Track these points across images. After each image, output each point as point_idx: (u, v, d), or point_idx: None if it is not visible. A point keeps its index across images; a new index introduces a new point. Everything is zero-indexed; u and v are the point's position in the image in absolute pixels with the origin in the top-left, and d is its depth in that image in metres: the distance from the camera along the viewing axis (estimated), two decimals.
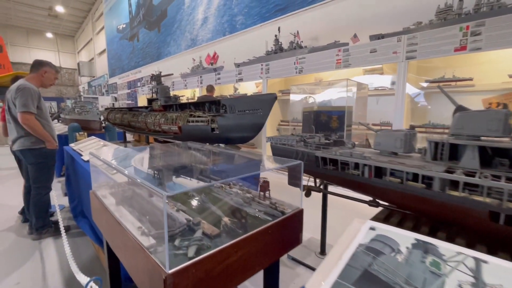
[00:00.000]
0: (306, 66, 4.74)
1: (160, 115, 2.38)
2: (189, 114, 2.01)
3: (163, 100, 2.43)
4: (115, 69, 16.39)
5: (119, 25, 14.91)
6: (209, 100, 1.87)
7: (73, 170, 2.90)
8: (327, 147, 1.13)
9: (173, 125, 2.15)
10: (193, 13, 8.82)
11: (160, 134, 2.41)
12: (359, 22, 4.66)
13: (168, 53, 10.45)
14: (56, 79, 2.98)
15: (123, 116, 3.22)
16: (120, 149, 2.28)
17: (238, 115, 1.57)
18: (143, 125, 2.68)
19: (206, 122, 1.82)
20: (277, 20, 6.11)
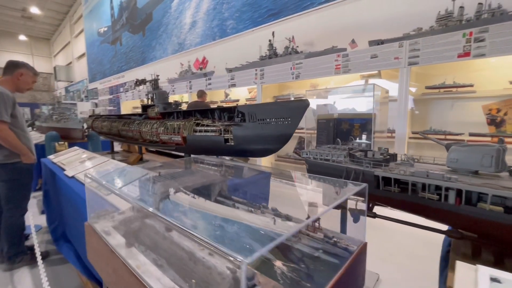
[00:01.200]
0: (303, 72, 4.62)
1: (158, 123, 2.11)
2: (195, 122, 1.77)
3: (161, 107, 2.16)
4: (95, 74, 15.66)
5: (100, 28, 14.30)
6: (221, 108, 1.65)
7: (54, 187, 2.54)
8: (387, 164, 0.96)
9: (175, 135, 1.89)
10: (181, 17, 8.57)
11: (158, 145, 2.14)
12: (355, 28, 4.63)
13: (153, 58, 10.07)
14: (34, 82, 2.63)
15: (111, 124, 2.90)
16: (119, 168, 1.96)
17: (259, 125, 1.36)
18: (136, 135, 2.38)
19: (217, 132, 1.58)
20: (270, 25, 6.00)
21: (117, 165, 2.07)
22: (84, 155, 2.72)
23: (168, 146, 1.99)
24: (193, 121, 1.79)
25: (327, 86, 4.92)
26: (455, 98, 3.67)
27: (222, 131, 1.55)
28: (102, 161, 2.34)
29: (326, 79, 4.92)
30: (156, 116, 2.22)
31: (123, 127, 2.60)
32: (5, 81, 2.39)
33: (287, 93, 5.63)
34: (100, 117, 3.39)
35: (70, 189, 1.98)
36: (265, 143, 1.36)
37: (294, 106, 1.27)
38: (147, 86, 2.69)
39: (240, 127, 1.44)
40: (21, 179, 2.35)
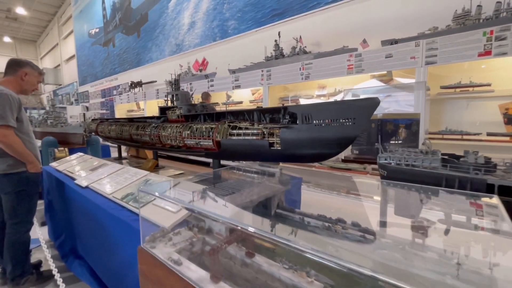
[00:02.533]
0: (313, 72, 4.52)
1: (181, 126, 1.94)
2: (230, 125, 1.61)
3: (185, 109, 1.99)
4: (86, 77, 15.18)
5: (91, 29, 13.89)
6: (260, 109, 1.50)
7: (61, 198, 2.30)
8: (494, 170, 0.84)
9: (204, 139, 1.72)
10: (178, 18, 8.37)
11: (181, 150, 1.96)
12: (365, 28, 4.57)
13: (149, 59, 9.81)
14: (40, 82, 2.40)
15: (122, 128, 2.69)
16: (165, 181, 1.72)
17: (315, 127, 1.22)
18: (154, 139, 2.20)
19: (259, 136, 1.43)
20: (274, 25, 5.89)
21: (137, 173, 1.88)
22: (94, 162, 2.50)
23: (194, 151, 1.82)
24: (226, 124, 1.63)
25: (336, 87, 4.85)
26: (470, 98, 3.64)
27: (266, 134, 1.40)
28: (117, 168, 2.13)
29: (334, 80, 4.84)
30: (178, 118, 2.05)
31: (137, 131, 2.41)
32: (7, 81, 2.16)
33: (293, 94, 5.53)
34: (106, 121, 3.17)
35: (85, 200, 1.77)
36: (322, 147, 1.22)
37: (360, 105, 1.14)
38: (140, 89, 2.50)
39: (290, 130, 1.29)
40: (27, 190, 2.11)
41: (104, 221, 1.50)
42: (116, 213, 1.41)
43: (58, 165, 2.71)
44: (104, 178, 1.97)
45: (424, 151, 1.13)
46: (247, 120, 1.59)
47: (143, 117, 2.57)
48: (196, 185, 1.32)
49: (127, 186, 1.66)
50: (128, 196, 1.53)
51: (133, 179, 1.79)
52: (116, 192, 1.63)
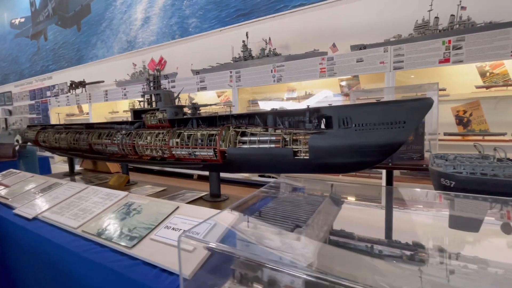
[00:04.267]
0: (285, 75, 4.46)
1: (167, 133, 1.58)
2: (237, 131, 1.35)
3: (170, 112, 1.63)
4: (8, 75, 12.75)
5: (14, 19, 11.73)
6: (276, 112, 1.26)
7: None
8: None
9: (202, 149, 1.42)
10: (130, 12, 7.57)
11: (168, 163, 1.60)
12: (332, 32, 4.70)
13: (94, 57, 8.66)
14: None
15: (75, 136, 2.15)
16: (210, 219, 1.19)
17: (356, 132, 1.05)
18: (126, 150, 1.78)
19: (279, 143, 1.21)
20: (240, 25, 5.70)
21: (110, 194, 1.44)
22: (39, 181, 1.91)
23: (187, 164, 1.49)
24: (231, 129, 1.36)
25: (307, 91, 4.87)
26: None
27: (290, 142, 1.18)
28: (77, 189, 1.64)
29: (302, 83, 4.87)
30: (160, 123, 1.68)
31: (100, 140, 1.93)
32: None
33: (262, 97, 5.41)
34: (51, 127, 2.53)
35: (35, 239, 1.28)
36: (362, 155, 1.06)
37: (412, 106, 1.01)
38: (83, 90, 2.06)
39: (323, 136, 1.10)
40: None
41: (71, 269, 1.06)
42: (93, 256, 1.01)
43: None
44: (61, 204, 1.48)
45: (483, 156, 1.07)
46: (258, 125, 1.35)
47: (104, 123, 2.09)
48: (234, 215, 1.01)
49: (101, 214, 1.25)
50: (106, 230, 1.13)
51: (107, 203, 1.36)
52: (85, 224, 1.21)
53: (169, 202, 1.27)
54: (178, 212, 1.17)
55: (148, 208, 1.25)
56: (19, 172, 2.24)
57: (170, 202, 1.26)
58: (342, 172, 1.22)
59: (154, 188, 1.93)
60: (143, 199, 1.35)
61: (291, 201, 1.11)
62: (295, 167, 1.23)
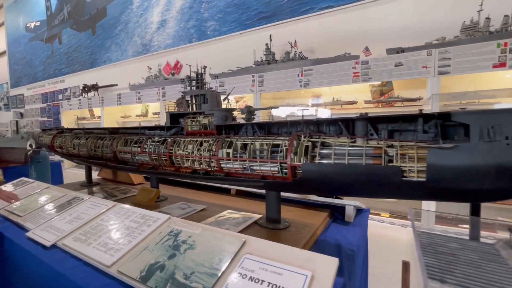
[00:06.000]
0: (313, 79, 4.18)
1: (213, 142, 1.29)
2: (313, 141, 1.05)
3: (219, 116, 1.34)
4: (21, 77, 12.80)
5: (30, 22, 11.82)
6: (372, 117, 0.97)
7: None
8: None
9: (266, 163, 1.12)
10: (146, 15, 7.45)
11: (215, 178, 1.30)
12: (363, 36, 4.42)
13: (107, 60, 8.56)
14: None
15: (96, 142, 1.87)
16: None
17: (509, 147, 0.75)
18: (160, 161, 1.49)
19: (379, 159, 0.90)
20: (262, 28, 5.48)
21: (147, 217, 1.14)
22: (55, 194, 1.63)
23: (243, 181, 1.19)
24: (306, 139, 1.06)
25: (334, 97, 4.57)
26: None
27: (396, 157, 0.87)
28: (103, 207, 1.35)
29: (331, 89, 4.60)
30: (203, 130, 1.39)
31: (126, 148, 1.65)
32: None
33: (285, 102, 5.14)
34: (69, 132, 2.27)
35: (56, 276, 0.99)
36: None
37: None
38: (96, 93, 1.79)
39: (452, 151, 0.79)
40: None
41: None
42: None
43: None
44: (85, 228, 1.19)
45: None
46: (338, 134, 1.04)
47: (132, 128, 1.81)
48: (333, 263, 0.69)
49: (140, 247, 0.95)
50: (153, 274, 0.83)
51: (145, 229, 1.06)
52: (121, 261, 0.91)
53: (229, 233, 0.96)
54: (247, 249, 0.87)
55: (203, 241, 0.94)
56: (32, 182, 1.97)
57: (231, 233, 0.95)
58: (473, 201, 0.93)
59: (191, 206, 1.62)
60: (192, 226, 1.04)
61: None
62: (400, 191, 0.92)
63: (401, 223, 3.33)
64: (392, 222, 3.37)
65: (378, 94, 4.27)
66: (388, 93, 4.28)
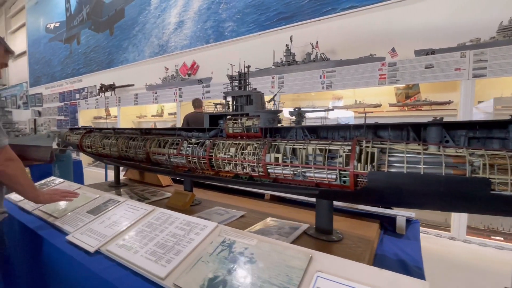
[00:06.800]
0: (336, 81, 4.08)
1: (260, 145, 1.22)
2: (380, 147, 0.96)
3: (265, 119, 1.27)
4: (40, 77, 13.13)
5: (50, 23, 12.12)
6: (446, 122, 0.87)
7: (35, 268, 1.34)
8: None
9: (322, 170, 1.04)
10: (163, 16, 7.50)
11: (262, 184, 1.23)
12: (389, 36, 4.28)
13: (124, 60, 8.66)
14: (5, 66, 1.53)
15: (129, 143, 1.84)
16: None
17: None
18: (199, 164, 1.43)
19: (461, 169, 0.80)
20: (281, 29, 5.41)
21: (192, 224, 1.08)
22: (87, 194, 1.60)
23: (294, 188, 1.11)
24: (371, 144, 0.97)
25: (357, 99, 4.44)
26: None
27: (482, 168, 0.78)
28: (140, 211, 1.30)
29: (354, 91, 4.48)
30: (246, 132, 1.32)
31: (161, 149, 1.60)
32: None
33: (305, 105, 5.03)
34: (98, 131, 2.25)
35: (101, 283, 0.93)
36: None
37: None
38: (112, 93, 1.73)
39: None
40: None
41: None
42: None
43: (22, 198, 1.74)
44: (129, 233, 1.13)
45: None
46: (406, 141, 0.95)
47: (171, 128, 1.75)
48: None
49: (193, 257, 0.88)
50: (217, 286, 0.76)
51: (193, 238, 0.99)
52: (175, 272, 0.84)
53: (290, 246, 0.88)
54: (316, 265, 0.79)
55: (263, 254, 0.86)
56: (62, 181, 1.95)
57: (292, 247, 0.87)
58: None
59: (229, 212, 1.55)
60: (245, 236, 0.97)
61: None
62: (487, 206, 0.82)
63: (448, 235, 3.11)
64: (438, 234, 3.17)
65: (403, 97, 4.13)
66: (414, 96, 4.13)
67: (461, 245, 2.95)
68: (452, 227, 3.18)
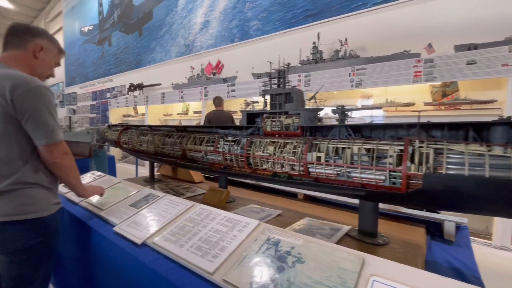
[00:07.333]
0: (366, 79, 3.94)
1: (301, 144, 1.20)
2: (436, 147, 0.90)
3: (306, 117, 1.25)
4: (75, 77, 14.00)
5: (84, 27, 12.87)
6: None
7: (84, 256, 1.43)
8: None
9: (369, 170, 0.99)
10: (190, 16, 7.67)
11: (302, 184, 1.21)
12: (425, 31, 4.05)
13: (152, 60, 8.97)
14: (58, 65, 1.65)
15: (164, 140, 1.90)
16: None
17: None
18: (236, 161, 1.44)
19: None
20: (308, 26, 5.32)
21: (233, 221, 1.09)
22: (122, 189, 1.67)
23: (337, 188, 1.08)
24: (425, 144, 0.92)
25: (388, 98, 4.26)
26: None
27: None
28: (180, 206, 1.34)
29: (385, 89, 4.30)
30: (285, 131, 1.31)
31: (197, 147, 1.63)
32: (13, 58, 1.34)
33: (330, 103, 4.91)
34: (135, 128, 2.35)
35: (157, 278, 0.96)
36: None
37: None
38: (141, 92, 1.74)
39: None
40: (47, 243, 1.25)
41: None
42: None
43: (68, 190, 1.86)
44: (171, 228, 1.16)
45: None
46: (466, 141, 0.89)
47: (207, 126, 1.79)
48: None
49: (238, 254, 0.88)
50: (268, 285, 0.76)
51: (237, 234, 1.00)
52: (223, 268, 0.85)
53: (339, 247, 0.86)
54: (370, 269, 0.76)
55: (311, 254, 0.85)
56: (103, 175, 2.06)
57: (342, 248, 0.85)
58: None
59: (264, 211, 1.56)
60: (290, 235, 0.96)
61: None
62: None
63: (490, 243, 2.86)
64: (478, 242, 2.93)
65: (440, 96, 3.90)
66: (452, 95, 3.89)
67: (506, 255, 2.73)
68: (495, 235, 2.96)
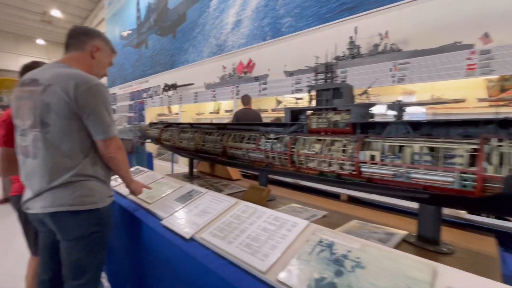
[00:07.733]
0: (410, 74, 3.67)
1: (353, 142, 1.13)
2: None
3: (358, 113, 1.18)
4: (115, 79, 15.03)
5: (124, 31, 13.75)
6: None
7: (133, 248, 1.52)
8: None
9: (435, 171, 0.90)
10: (222, 16, 7.79)
11: (353, 184, 1.15)
12: (479, 20, 3.67)
13: (185, 61, 9.29)
14: (111, 65, 1.76)
15: (204, 137, 1.93)
16: None
17: None
18: (279, 160, 1.41)
19: None
20: (343, 21, 5.11)
21: (280, 220, 1.07)
22: (166, 184, 1.73)
23: (395, 190, 1.00)
24: (506, 143, 0.80)
25: (434, 94, 3.93)
26: None
27: None
28: (224, 202, 1.35)
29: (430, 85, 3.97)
30: (333, 128, 1.24)
31: (238, 144, 1.62)
32: (74, 59, 1.47)
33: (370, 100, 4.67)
34: (176, 126, 2.43)
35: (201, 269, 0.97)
36: None
37: None
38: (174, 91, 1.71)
39: None
40: (102, 232, 1.35)
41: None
42: None
43: (117, 184, 1.98)
44: (218, 224, 1.17)
45: None
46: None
47: (247, 123, 1.78)
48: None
49: (289, 254, 0.86)
50: None
51: (286, 234, 0.97)
52: (275, 268, 0.83)
53: (404, 254, 0.79)
54: (443, 279, 0.68)
55: (372, 260, 0.79)
56: (147, 171, 2.17)
57: (407, 255, 0.78)
58: None
59: (308, 211, 1.52)
60: (344, 238, 0.91)
61: None
62: None
63: None
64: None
65: (497, 91, 3.50)
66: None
67: None
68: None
